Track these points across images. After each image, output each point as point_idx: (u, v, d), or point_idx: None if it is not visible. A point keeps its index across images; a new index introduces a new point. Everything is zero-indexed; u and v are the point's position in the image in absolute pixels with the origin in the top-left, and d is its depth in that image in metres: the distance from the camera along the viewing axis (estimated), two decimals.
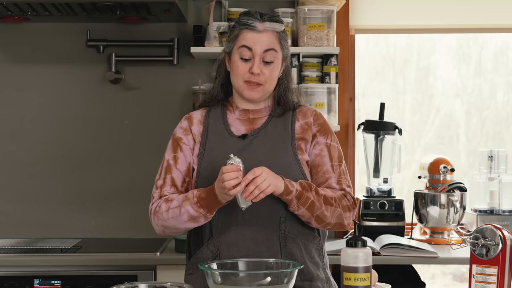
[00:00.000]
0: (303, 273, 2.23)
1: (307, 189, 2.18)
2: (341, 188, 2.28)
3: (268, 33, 2.27)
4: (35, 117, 3.68)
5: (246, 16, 2.29)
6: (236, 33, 2.29)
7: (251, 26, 2.26)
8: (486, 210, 3.53)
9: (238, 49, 2.27)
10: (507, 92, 3.91)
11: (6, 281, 3.12)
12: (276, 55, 2.28)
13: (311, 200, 2.18)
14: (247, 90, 2.28)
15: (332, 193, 2.24)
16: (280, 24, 2.30)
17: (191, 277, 2.32)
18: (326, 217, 2.21)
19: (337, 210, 2.22)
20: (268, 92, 2.32)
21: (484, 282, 1.96)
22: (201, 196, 2.16)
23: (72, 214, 3.66)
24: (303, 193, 2.17)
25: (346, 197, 2.27)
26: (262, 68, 2.26)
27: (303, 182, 2.19)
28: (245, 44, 2.26)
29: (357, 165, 3.78)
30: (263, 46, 2.25)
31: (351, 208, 2.27)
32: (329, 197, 2.22)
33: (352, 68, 3.74)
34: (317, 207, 2.19)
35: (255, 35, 2.26)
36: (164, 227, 2.26)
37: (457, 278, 4.27)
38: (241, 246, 2.23)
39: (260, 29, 2.26)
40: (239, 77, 2.28)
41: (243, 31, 2.27)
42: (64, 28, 3.66)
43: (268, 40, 2.26)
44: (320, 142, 2.31)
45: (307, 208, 2.18)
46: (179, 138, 2.34)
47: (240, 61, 2.27)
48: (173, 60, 3.62)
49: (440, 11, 3.70)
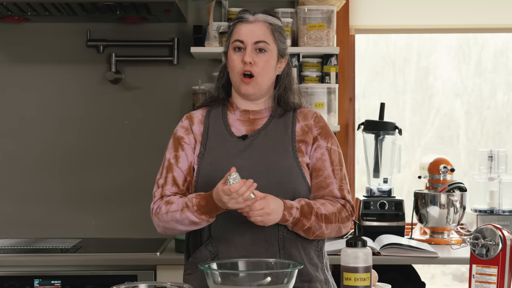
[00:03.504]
0: (302, 274, 2.23)
1: (306, 215, 2.18)
2: (342, 196, 2.28)
3: (259, 23, 2.27)
4: (35, 117, 3.68)
5: (240, 13, 2.31)
6: (231, 29, 2.31)
7: (244, 19, 2.28)
8: (486, 210, 3.53)
9: (232, 44, 2.28)
10: (507, 92, 3.91)
11: (6, 281, 3.12)
12: (268, 47, 2.27)
13: (307, 227, 2.19)
14: (242, 85, 2.28)
15: (332, 207, 2.24)
16: (273, 18, 2.30)
17: (189, 277, 2.31)
18: (324, 233, 2.24)
19: (336, 225, 2.24)
20: (263, 87, 2.30)
21: (484, 282, 1.96)
22: (200, 204, 2.16)
23: (72, 214, 3.66)
24: (300, 220, 2.18)
25: (346, 207, 2.27)
26: (255, 57, 2.26)
27: (305, 207, 2.19)
28: (237, 38, 2.27)
29: (357, 165, 3.78)
30: (254, 38, 2.25)
31: (349, 217, 2.28)
32: (330, 214, 2.22)
33: (352, 68, 3.74)
34: (315, 229, 2.21)
35: (247, 26, 2.27)
36: (165, 228, 2.27)
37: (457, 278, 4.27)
38: (240, 246, 2.23)
39: (252, 20, 2.27)
40: (234, 70, 2.28)
41: (236, 25, 2.29)
42: (64, 28, 3.66)
43: (259, 30, 2.26)
44: (321, 146, 2.31)
45: (304, 231, 2.21)
46: (180, 137, 2.34)
47: (233, 54, 2.28)
48: (173, 60, 3.62)
49: (440, 11, 3.70)
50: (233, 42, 2.27)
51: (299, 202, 2.19)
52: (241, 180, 2.04)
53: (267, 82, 2.30)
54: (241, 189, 2.03)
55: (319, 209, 2.20)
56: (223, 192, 2.05)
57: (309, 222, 2.18)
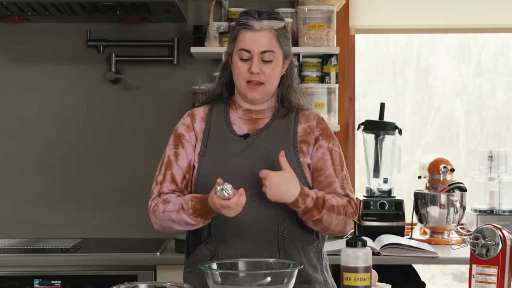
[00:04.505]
0: (301, 275, 2.22)
1: (319, 208, 2.17)
2: (345, 194, 2.28)
3: (265, 32, 2.26)
4: (35, 117, 3.68)
5: (245, 16, 2.29)
6: (235, 34, 2.29)
7: (249, 26, 2.26)
8: (486, 210, 3.53)
9: (237, 51, 2.27)
10: (507, 92, 3.91)
11: (6, 281, 3.12)
12: (275, 55, 2.27)
13: (316, 218, 2.18)
14: (248, 91, 2.28)
15: (341, 199, 2.25)
16: (278, 21, 2.29)
17: (189, 275, 2.32)
18: (332, 225, 2.22)
19: (343, 218, 2.23)
20: (270, 92, 2.31)
21: (484, 282, 1.96)
22: (195, 208, 2.16)
23: (72, 214, 3.66)
24: (311, 210, 2.17)
25: (351, 204, 2.27)
26: (262, 66, 2.26)
27: (320, 200, 2.18)
28: (243, 47, 2.25)
29: (357, 165, 3.78)
30: (260, 47, 2.25)
31: (354, 214, 2.27)
32: (339, 206, 2.22)
33: (352, 68, 3.74)
34: (325, 221, 2.20)
35: (253, 35, 2.25)
36: (162, 226, 2.27)
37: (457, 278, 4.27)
38: (239, 246, 2.23)
39: (257, 27, 2.26)
40: (240, 77, 2.28)
41: (241, 32, 2.27)
42: (64, 28, 3.66)
43: (265, 40, 2.25)
44: (323, 146, 2.31)
45: (313, 222, 2.20)
46: (181, 135, 2.33)
47: (239, 62, 2.27)
48: (173, 60, 3.62)
49: (440, 11, 3.70)
50: (239, 50, 2.27)
51: (316, 194, 2.18)
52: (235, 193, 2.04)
53: (273, 88, 2.31)
54: (239, 200, 2.04)
55: (329, 200, 2.20)
56: (221, 206, 2.05)
57: (320, 215, 2.17)
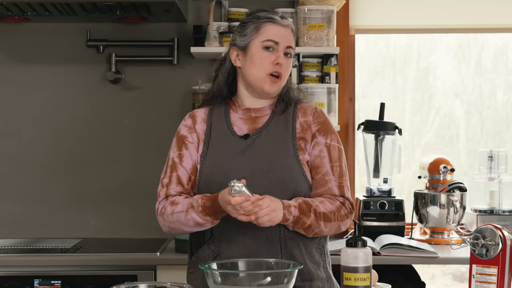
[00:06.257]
0: (303, 273, 2.23)
1: (305, 213, 2.18)
2: (341, 193, 2.28)
3: (288, 29, 2.32)
4: (35, 117, 3.67)
5: (265, 12, 2.33)
6: (256, 26, 2.29)
7: (276, 20, 2.30)
8: (486, 210, 3.53)
9: (262, 42, 2.28)
10: (507, 92, 3.91)
11: (6, 281, 3.12)
12: (293, 53, 2.34)
13: (307, 224, 2.19)
14: (268, 84, 2.29)
15: (331, 205, 2.24)
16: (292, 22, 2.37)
17: (192, 276, 2.32)
18: (323, 231, 2.24)
19: (335, 223, 2.24)
20: (282, 87, 2.34)
21: (484, 282, 1.96)
22: (205, 205, 2.16)
23: (72, 214, 3.66)
24: (300, 218, 2.18)
25: (345, 204, 2.27)
26: (284, 60, 2.30)
27: (303, 205, 2.18)
28: (271, 38, 2.28)
29: (357, 165, 3.78)
30: (286, 42, 2.30)
31: (349, 215, 2.27)
32: (329, 213, 2.22)
33: (352, 68, 3.74)
34: (314, 227, 2.21)
35: (281, 29, 2.30)
36: (170, 228, 2.28)
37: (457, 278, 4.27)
38: (242, 245, 2.23)
39: (284, 23, 2.31)
40: (261, 69, 2.28)
41: (266, 24, 2.29)
42: (64, 28, 3.66)
43: (289, 36, 2.31)
44: (320, 143, 2.31)
45: (304, 229, 2.21)
46: (184, 136, 2.34)
47: (264, 52, 2.28)
48: (173, 60, 3.62)
49: (440, 11, 3.70)
50: (265, 41, 2.28)
51: (296, 201, 2.19)
52: (243, 195, 2.03)
53: (284, 83, 2.34)
54: (244, 203, 2.04)
55: (317, 207, 2.20)
56: (225, 202, 2.06)
57: (309, 220, 2.18)
